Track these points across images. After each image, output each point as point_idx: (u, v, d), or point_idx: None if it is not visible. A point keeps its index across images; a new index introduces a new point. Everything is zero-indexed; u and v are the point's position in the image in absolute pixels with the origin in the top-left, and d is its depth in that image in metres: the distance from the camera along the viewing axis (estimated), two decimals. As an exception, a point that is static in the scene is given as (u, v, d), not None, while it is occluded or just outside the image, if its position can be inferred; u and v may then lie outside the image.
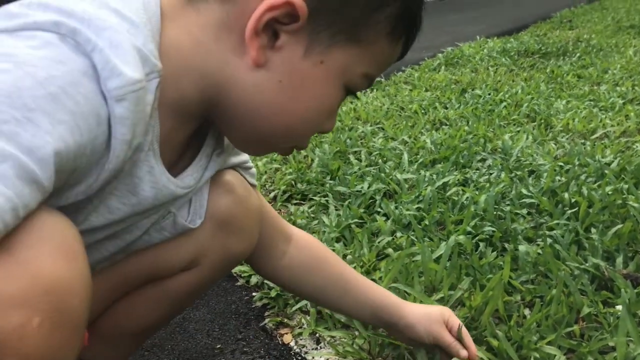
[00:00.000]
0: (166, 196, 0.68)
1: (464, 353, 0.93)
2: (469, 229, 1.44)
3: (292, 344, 1.13)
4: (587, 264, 1.25)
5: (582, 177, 1.73)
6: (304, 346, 1.12)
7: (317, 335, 1.14)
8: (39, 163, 0.47)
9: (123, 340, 0.84)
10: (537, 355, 0.99)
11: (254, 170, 0.88)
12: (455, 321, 0.96)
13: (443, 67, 3.76)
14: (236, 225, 0.82)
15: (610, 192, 1.58)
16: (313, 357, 1.08)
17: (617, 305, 1.12)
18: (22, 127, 0.47)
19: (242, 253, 0.86)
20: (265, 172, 1.99)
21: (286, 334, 1.15)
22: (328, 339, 1.12)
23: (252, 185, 0.87)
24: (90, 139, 0.52)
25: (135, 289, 0.80)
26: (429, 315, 0.96)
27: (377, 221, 1.52)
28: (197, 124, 0.68)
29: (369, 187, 1.74)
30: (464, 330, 0.95)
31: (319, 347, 1.11)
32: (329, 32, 0.62)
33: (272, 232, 0.92)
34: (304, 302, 1.21)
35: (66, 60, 0.51)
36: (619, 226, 1.36)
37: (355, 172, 1.88)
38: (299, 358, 1.09)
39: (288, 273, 0.95)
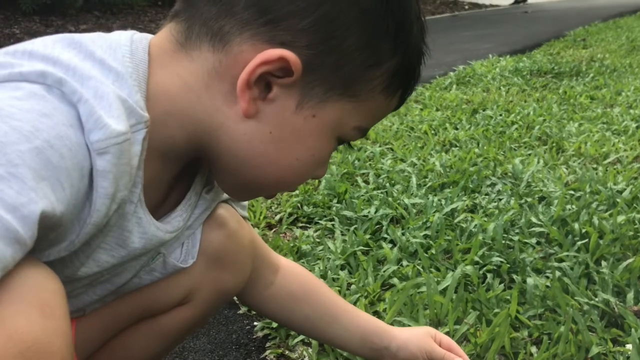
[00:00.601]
0: (154, 244, 0.67)
1: None
2: (476, 258, 1.41)
3: (293, 377, 1.10)
4: (596, 299, 1.22)
5: (594, 205, 1.70)
6: (304, 380, 1.09)
7: (319, 369, 1.11)
8: (23, 221, 0.46)
9: None
10: (544, 398, 0.96)
11: (245, 202, 0.87)
12: (443, 336, 0.98)
13: (454, 86, 3.74)
14: (228, 260, 0.81)
15: (622, 222, 1.55)
16: (314, 392, 1.06)
17: (627, 344, 1.09)
18: (7, 183, 0.46)
19: (234, 287, 0.85)
20: (272, 193, 1.98)
21: (287, 366, 1.13)
22: (329, 373, 1.10)
23: (244, 217, 0.86)
24: (73, 193, 0.51)
25: (128, 327, 0.79)
26: (417, 334, 0.97)
27: (383, 248, 1.50)
28: (184, 163, 0.67)
29: (375, 212, 1.72)
30: (454, 344, 0.98)
31: (320, 382, 1.09)
32: (322, 88, 0.61)
33: (258, 263, 0.90)
34: (306, 333, 1.19)
35: (52, 112, 0.50)
36: (630, 260, 1.33)
37: (362, 196, 1.86)
38: (300, 393, 1.06)
39: (274, 303, 0.93)
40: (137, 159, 0.57)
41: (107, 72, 0.55)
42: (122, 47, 0.59)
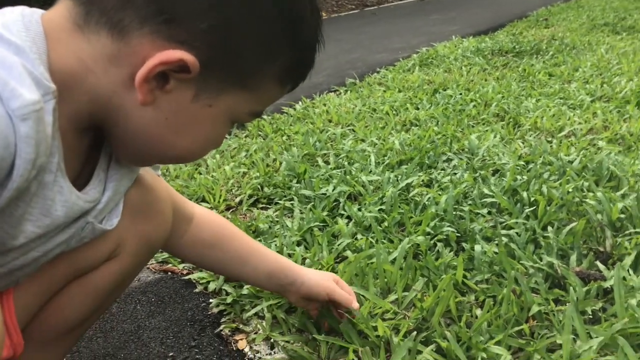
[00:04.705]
0: (76, 212, 0.69)
1: (356, 304, 1.08)
2: (428, 229, 1.45)
3: (247, 349, 1.12)
4: (541, 263, 1.26)
5: (545, 175, 1.74)
6: (258, 352, 1.12)
7: (272, 340, 1.13)
8: None
9: (58, 341, 0.85)
10: (485, 356, 0.99)
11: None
12: (344, 284, 1.12)
13: (417, 68, 3.77)
14: (150, 211, 0.86)
15: (570, 190, 1.59)
16: (266, 362, 1.08)
17: (568, 303, 1.13)
18: None
19: (159, 237, 0.89)
20: (233, 176, 1.99)
21: (241, 339, 1.15)
22: (282, 343, 1.12)
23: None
24: None
25: (61, 288, 0.81)
26: (321, 276, 1.09)
27: (338, 223, 1.52)
28: (94, 133, 0.69)
29: (333, 190, 1.75)
30: (352, 292, 1.12)
31: (273, 352, 1.11)
32: (218, 82, 0.65)
33: (173, 213, 0.94)
34: (259, 307, 1.21)
35: None
36: (574, 224, 1.37)
37: (321, 175, 1.88)
38: (253, 363, 1.09)
39: (188, 250, 1.00)
40: (51, 128, 0.58)
41: (7, 45, 0.56)
42: (15, 22, 0.59)
